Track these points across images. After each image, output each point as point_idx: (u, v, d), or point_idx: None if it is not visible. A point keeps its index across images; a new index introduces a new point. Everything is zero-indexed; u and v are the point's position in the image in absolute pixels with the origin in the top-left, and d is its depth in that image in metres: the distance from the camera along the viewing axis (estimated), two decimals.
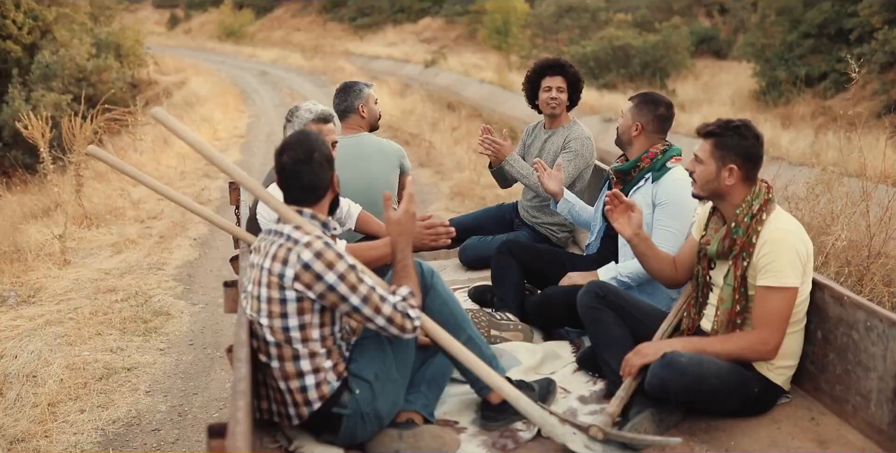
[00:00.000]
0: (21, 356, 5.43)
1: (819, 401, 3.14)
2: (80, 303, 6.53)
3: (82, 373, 5.20)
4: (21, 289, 6.89)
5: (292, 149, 2.83)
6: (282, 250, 2.72)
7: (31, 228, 8.49)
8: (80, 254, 7.94)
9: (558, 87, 4.68)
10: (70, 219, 8.58)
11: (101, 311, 6.30)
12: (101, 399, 4.93)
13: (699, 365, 2.89)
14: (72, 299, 6.64)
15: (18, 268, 7.37)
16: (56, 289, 6.89)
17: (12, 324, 6.06)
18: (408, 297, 2.86)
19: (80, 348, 5.59)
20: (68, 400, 4.91)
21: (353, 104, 4.60)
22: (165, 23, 58.69)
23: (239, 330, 2.75)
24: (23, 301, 6.64)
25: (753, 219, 3.02)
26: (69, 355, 5.46)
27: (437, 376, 3.12)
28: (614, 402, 3.01)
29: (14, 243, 8.07)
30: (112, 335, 5.88)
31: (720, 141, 3.05)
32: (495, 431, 3.00)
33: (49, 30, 21.68)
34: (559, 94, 4.68)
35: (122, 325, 6.06)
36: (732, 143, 3.03)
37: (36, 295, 6.78)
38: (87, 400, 4.92)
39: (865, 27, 16.48)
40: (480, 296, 4.28)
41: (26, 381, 5.10)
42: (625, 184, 3.93)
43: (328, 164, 2.86)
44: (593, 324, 3.32)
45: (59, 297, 6.70)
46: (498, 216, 5.09)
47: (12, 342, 5.68)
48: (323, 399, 2.79)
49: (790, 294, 2.96)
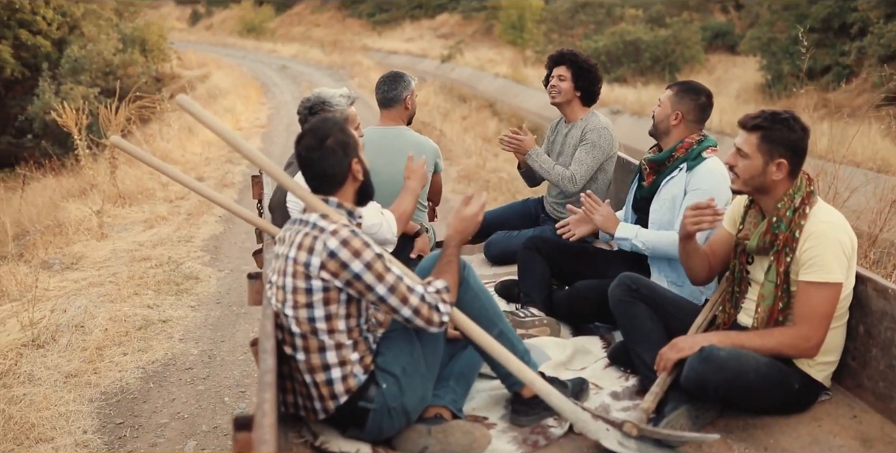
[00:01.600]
0: (69, 310, 6.14)
1: (861, 399, 3.03)
2: (118, 269, 7.25)
3: (123, 324, 5.91)
4: (64, 257, 7.61)
5: (306, 136, 2.81)
6: (307, 239, 2.67)
7: (70, 206, 9.24)
8: (116, 228, 8.67)
9: (559, 76, 4.60)
10: (106, 198, 9.32)
11: (138, 276, 7.01)
12: (141, 344, 5.63)
13: (738, 359, 2.81)
14: (110, 266, 7.36)
15: (61, 240, 8.12)
16: (96, 257, 7.62)
17: (59, 286, 6.78)
18: (441, 291, 2.79)
19: (121, 305, 6.30)
20: (112, 345, 5.62)
21: (402, 94, 4.49)
22: (187, 19, 59.67)
23: (265, 321, 2.71)
24: (66, 267, 7.37)
25: (796, 212, 2.91)
26: (111, 310, 6.16)
27: (466, 371, 3.07)
28: (648, 398, 2.93)
29: (56, 219, 8.83)
30: (148, 295, 6.59)
31: (768, 134, 2.91)
32: (526, 427, 2.96)
33: (77, 25, 22.47)
34: (559, 83, 4.60)
35: (156, 287, 6.77)
36: (781, 137, 2.90)
37: (78, 262, 7.50)
38: (128, 345, 5.62)
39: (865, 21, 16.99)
40: (507, 291, 4.27)
41: (75, 330, 5.81)
42: (657, 175, 3.85)
43: (343, 151, 2.78)
44: (625, 317, 3.26)
45: (99, 264, 7.42)
46: (523, 211, 5.02)
47: (61, 299, 6.40)
48: (349, 392, 2.74)
49: (835, 290, 2.85)
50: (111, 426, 4.61)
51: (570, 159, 4.57)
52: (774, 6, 21.70)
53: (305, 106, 3.90)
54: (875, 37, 16.01)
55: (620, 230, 3.82)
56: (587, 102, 4.68)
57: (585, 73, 4.60)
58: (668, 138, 3.81)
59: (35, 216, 9.41)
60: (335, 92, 3.87)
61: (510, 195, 9.33)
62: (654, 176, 3.86)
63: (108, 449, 4.38)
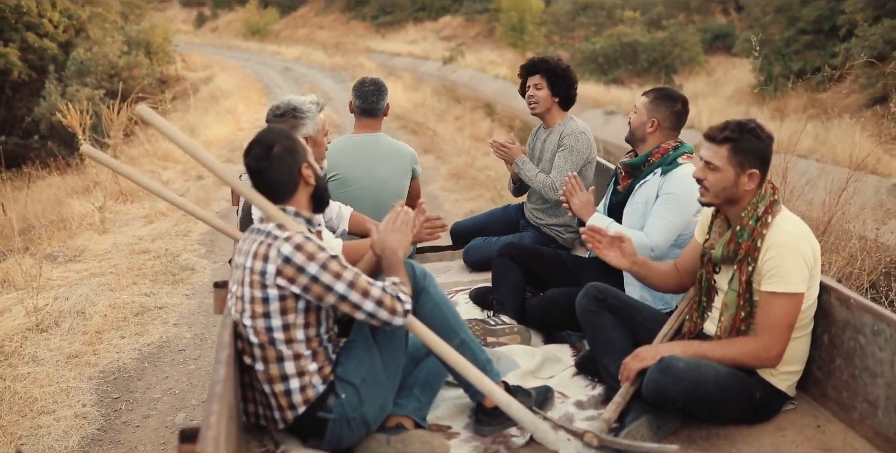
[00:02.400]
0: (71, 298, 6.53)
1: (826, 408, 3.03)
2: (119, 261, 7.64)
3: (122, 311, 6.30)
4: (67, 250, 8.01)
5: (254, 147, 2.81)
6: (262, 247, 2.69)
7: (73, 202, 9.64)
8: (117, 223, 9.07)
9: (535, 85, 4.60)
10: (108, 195, 9.71)
11: (137, 267, 7.40)
12: (138, 328, 6.02)
13: (697, 370, 2.81)
14: (111, 258, 7.76)
15: (65, 235, 8.53)
16: (97, 250, 8.01)
17: (63, 276, 7.17)
18: (398, 283, 2.81)
19: (120, 293, 6.69)
20: (111, 329, 6.00)
21: (384, 104, 4.57)
22: (193, 21, 60.08)
23: (223, 331, 2.71)
24: (69, 259, 7.76)
25: (759, 221, 2.92)
26: (111, 298, 6.55)
27: (431, 379, 3.08)
28: (611, 408, 2.94)
29: (60, 214, 9.24)
30: (146, 284, 6.97)
31: (738, 145, 2.90)
32: (488, 437, 2.96)
33: (83, 28, 22.86)
34: (536, 92, 4.60)
35: (154, 277, 7.16)
36: (751, 147, 2.90)
37: (80, 255, 7.90)
38: (126, 329, 6.01)
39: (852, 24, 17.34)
40: (482, 298, 4.26)
41: (76, 316, 6.20)
42: (633, 179, 3.87)
43: (291, 157, 2.80)
44: (591, 327, 3.26)
45: (100, 257, 7.82)
46: (504, 218, 5.05)
47: (63, 288, 6.79)
48: (307, 403, 2.76)
49: (796, 300, 2.85)
50: (108, 400, 5.00)
51: (549, 165, 4.62)
52: (768, 8, 22.05)
53: (275, 113, 3.78)
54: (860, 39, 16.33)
55: (594, 219, 3.84)
56: (565, 107, 4.69)
57: (560, 79, 4.60)
58: (644, 145, 3.84)
59: (40, 212, 9.82)
60: (305, 99, 3.82)
61: (496, 192, 9.70)
62: (628, 180, 3.90)
63: (104, 420, 4.76)
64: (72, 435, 4.57)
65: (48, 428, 4.62)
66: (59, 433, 4.59)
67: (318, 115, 3.81)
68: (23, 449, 4.42)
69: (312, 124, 3.74)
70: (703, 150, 2.99)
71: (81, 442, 4.53)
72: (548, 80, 4.60)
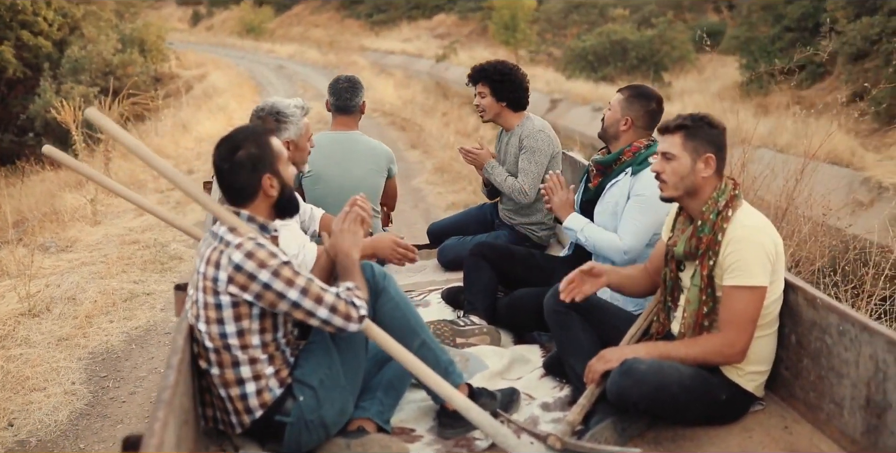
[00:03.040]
0: (63, 285, 6.80)
1: (794, 409, 3.02)
2: (109, 251, 7.90)
3: (111, 297, 6.56)
4: (60, 241, 8.28)
5: (222, 144, 2.72)
6: (215, 253, 2.64)
7: (66, 196, 9.92)
8: (109, 216, 9.35)
9: (480, 93, 4.57)
10: (100, 189, 9.96)
11: (126, 256, 7.67)
12: (126, 313, 6.29)
13: (659, 372, 2.77)
14: (102, 248, 8.03)
15: (57, 226, 8.80)
16: (89, 241, 8.29)
17: (55, 265, 7.44)
18: (352, 288, 2.75)
19: (109, 280, 6.95)
20: (100, 314, 6.27)
21: (360, 101, 4.59)
22: (188, 19, 60.31)
23: (177, 336, 2.67)
24: (61, 249, 8.03)
25: (719, 215, 2.90)
26: (101, 285, 6.81)
27: (395, 382, 3.03)
28: (575, 410, 2.91)
29: (53, 207, 9.51)
30: (135, 272, 7.24)
31: (691, 131, 2.94)
32: (451, 440, 2.94)
33: (77, 26, 23.05)
34: (481, 100, 4.57)
35: (143, 266, 7.43)
36: (704, 133, 2.94)
37: (72, 245, 8.17)
38: (115, 314, 6.28)
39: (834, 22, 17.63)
40: (453, 298, 4.22)
41: (68, 302, 6.46)
42: (604, 177, 3.85)
43: (253, 165, 2.69)
44: (558, 328, 3.22)
45: (91, 247, 8.09)
46: (479, 217, 5.03)
47: (55, 276, 7.06)
48: (264, 406, 2.72)
49: (758, 293, 2.84)
50: (96, 378, 5.27)
51: (515, 167, 4.58)
52: (754, 6, 22.35)
53: (258, 115, 3.72)
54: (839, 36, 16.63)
55: (570, 220, 3.83)
56: (517, 108, 4.62)
57: (502, 84, 4.54)
58: (616, 142, 3.81)
59: (34, 205, 10.10)
60: (290, 102, 3.75)
61: (478, 184, 9.94)
62: (600, 178, 3.88)
63: (92, 397, 5.03)
64: (61, 410, 4.84)
65: (39, 404, 4.89)
66: (50, 408, 4.86)
67: (302, 120, 3.73)
68: (15, 422, 4.69)
69: (295, 129, 3.69)
70: (660, 144, 3.02)
71: (70, 416, 4.80)
72: (490, 87, 4.54)
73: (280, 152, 2.76)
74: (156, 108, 13.31)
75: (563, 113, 20.95)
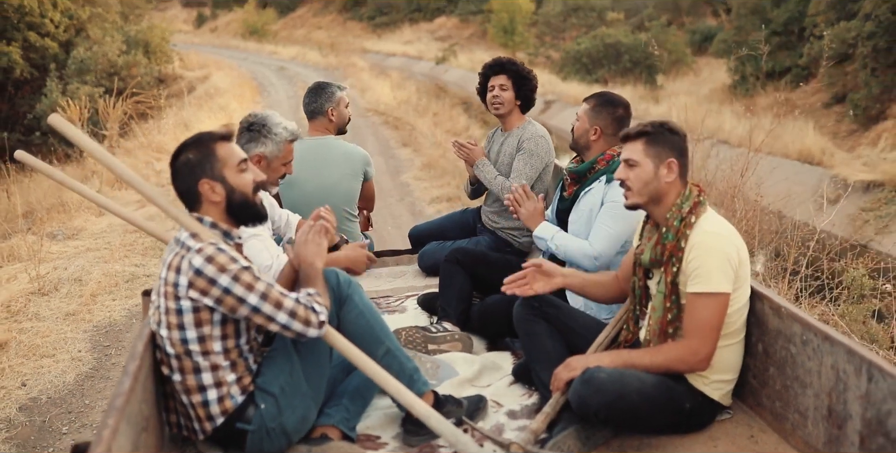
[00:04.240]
0: (69, 268, 7.38)
1: (761, 418, 3.01)
2: (113, 238, 8.48)
3: (114, 278, 7.14)
4: (67, 230, 8.86)
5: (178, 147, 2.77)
6: (176, 258, 2.64)
7: None
8: None
9: (501, 85, 4.51)
10: (104, 183, 10.56)
11: (128, 243, 8.25)
12: (128, 292, 6.86)
13: (619, 381, 2.74)
14: (106, 236, 8.61)
15: (64, 217, 9.39)
16: (94, 230, 8.87)
17: (62, 251, 8.03)
18: (313, 294, 2.76)
19: (113, 264, 7.53)
20: (104, 293, 6.84)
21: (323, 107, 4.59)
22: (193, 21, 60.88)
23: (137, 342, 2.67)
24: (68, 237, 8.61)
25: (683, 222, 2.89)
26: (104, 268, 7.39)
27: (362, 389, 3.04)
28: (539, 418, 2.89)
29: (60, 199, 10.09)
30: (136, 257, 7.83)
31: (652, 138, 2.95)
32: (416, 447, 2.94)
33: (83, 28, 23.54)
34: (501, 92, 4.51)
35: (143, 251, 8.01)
36: (665, 139, 2.95)
37: (78, 233, 8.75)
38: (117, 293, 6.86)
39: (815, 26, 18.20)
40: (429, 304, 4.22)
41: (74, 283, 7.04)
42: (579, 186, 3.84)
43: (190, 171, 2.70)
44: (526, 335, 3.22)
45: (96, 235, 8.67)
46: (461, 222, 4.96)
47: (62, 260, 7.64)
48: (225, 414, 2.71)
49: (721, 300, 2.82)
50: (100, 347, 5.84)
51: (508, 168, 4.54)
52: (742, 10, 22.91)
53: (248, 121, 3.75)
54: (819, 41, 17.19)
55: (541, 229, 3.84)
56: (525, 110, 4.63)
57: (526, 82, 4.53)
58: (589, 152, 3.81)
59: (42, 197, 10.67)
60: (282, 122, 3.75)
61: (462, 180, 10.52)
62: (574, 186, 3.87)
63: (97, 362, 5.61)
64: (69, 373, 5.42)
65: (49, 368, 5.47)
66: (58, 372, 5.43)
67: (284, 143, 3.72)
68: (27, 382, 5.26)
69: (273, 147, 3.68)
70: (623, 152, 3.02)
71: (77, 378, 5.38)
72: (514, 81, 4.52)
73: (226, 158, 2.74)
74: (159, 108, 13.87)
75: (556, 113, 21.51)
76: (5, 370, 5.40)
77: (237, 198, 2.75)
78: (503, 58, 4.63)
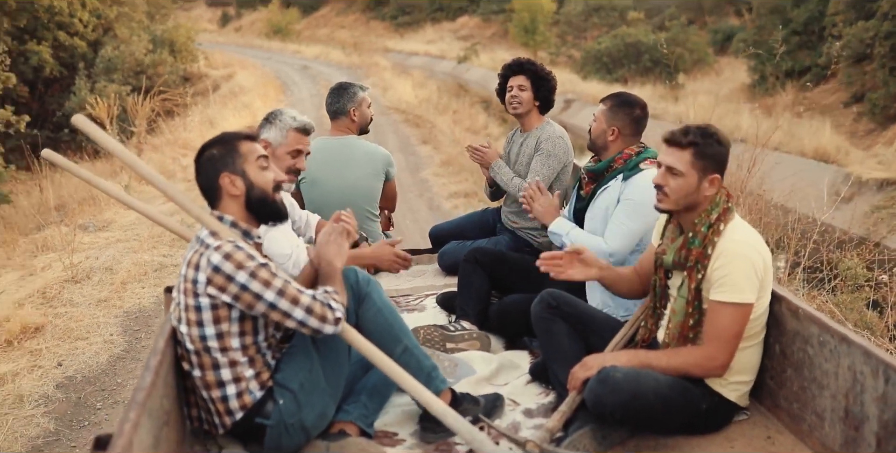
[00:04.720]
0: (101, 258, 7.70)
1: (778, 419, 3.00)
2: (141, 230, 8.81)
3: (143, 267, 7.46)
4: (98, 222, 9.20)
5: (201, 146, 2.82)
6: (195, 256, 2.67)
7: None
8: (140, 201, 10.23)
9: (519, 86, 4.50)
10: (133, 177, 10.88)
11: (156, 235, 8.56)
12: (156, 281, 7.17)
13: (636, 381, 2.74)
14: (135, 228, 8.93)
15: (95, 209, 9.73)
16: (123, 222, 9.20)
17: (93, 242, 8.36)
18: (330, 292, 2.78)
19: (142, 254, 7.84)
20: (134, 281, 7.16)
21: (345, 107, 4.60)
22: (217, 20, 61.45)
23: (158, 338, 2.72)
24: (99, 229, 8.94)
25: (711, 229, 2.85)
26: (134, 258, 7.71)
27: (381, 386, 3.05)
28: (555, 417, 2.89)
29: (90, 193, 10.42)
30: (164, 248, 8.14)
31: (701, 150, 2.85)
32: (432, 444, 2.94)
33: (111, 27, 23.95)
34: (520, 93, 4.50)
35: (171, 243, 8.32)
36: (713, 152, 2.86)
37: (108, 226, 9.09)
38: (146, 281, 7.17)
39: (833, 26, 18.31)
40: (448, 302, 4.20)
41: (105, 272, 7.36)
42: (596, 184, 3.81)
43: (212, 165, 2.76)
44: (544, 334, 3.21)
45: (125, 227, 9.00)
46: (482, 221, 4.94)
47: (94, 251, 7.97)
48: (245, 409, 2.74)
49: (744, 310, 2.80)
50: (130, 331, 6.15)
51: (526, 169, 4.52)
52: (763, 10, 23.00)
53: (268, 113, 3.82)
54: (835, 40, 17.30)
55: (556, 224, 3.83)
56: (543, 111, 4.61)
57: (545, 82, 4.53)
58: (606, 152, 3.77)
59: (73, 191, 11.02)
60: (293, 113, 3.79)
61: (479, 176, 10.77)
62: (591, 185, 3.83)
63: (127, 345, 5.91)
64: (102, 355, 5.73)
65: (83, 350, 5.78)
66: (92, 353, 5.74)
67: (289, 132, 3.71)
68: (63, 362, 5.57)
69: (276, 133, 3.70)
70: (665, 156, 2.92)
71: (109, 359, 5.69)
72: (532, 82, 4.51)
73: (248, 154, 2.79)
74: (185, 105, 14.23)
75: (576, 112, 21.70)
76: (42, 351, 5.71)
77: (256, 194, 2.78)
78: (522, 58, 4.64)
